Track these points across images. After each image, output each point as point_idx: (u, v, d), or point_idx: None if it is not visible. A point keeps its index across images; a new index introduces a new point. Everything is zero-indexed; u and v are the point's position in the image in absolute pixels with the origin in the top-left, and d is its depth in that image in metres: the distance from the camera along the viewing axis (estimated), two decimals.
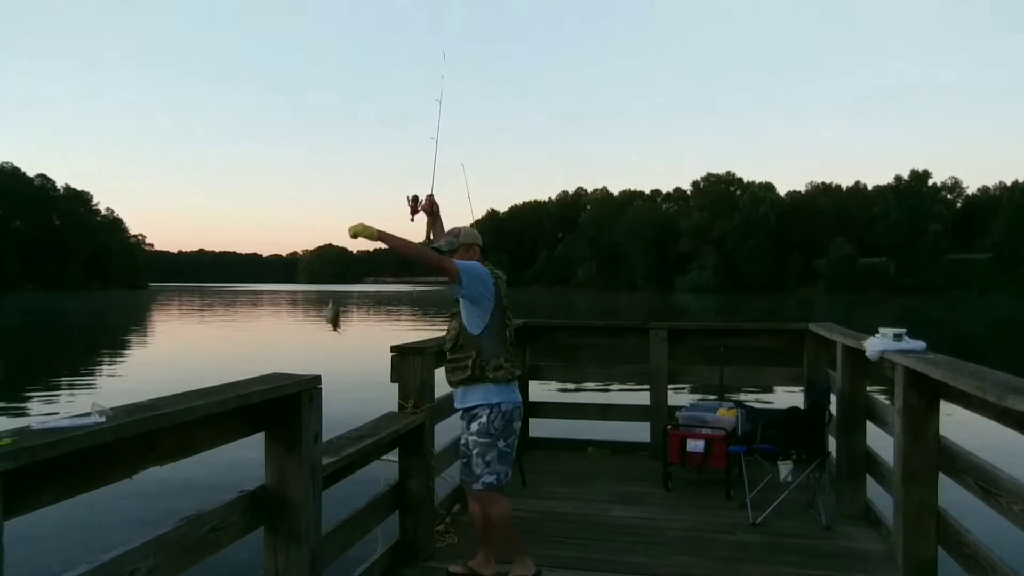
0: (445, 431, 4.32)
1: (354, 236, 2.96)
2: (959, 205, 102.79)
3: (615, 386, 11.23)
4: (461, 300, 3.27)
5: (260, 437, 2.45)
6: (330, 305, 3.18)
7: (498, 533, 3.38)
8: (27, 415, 10.52)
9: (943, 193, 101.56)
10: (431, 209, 3.58)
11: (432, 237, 3.52)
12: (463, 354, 3.26)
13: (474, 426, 3.27)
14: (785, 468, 4.92)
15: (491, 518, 3.33)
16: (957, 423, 3.41)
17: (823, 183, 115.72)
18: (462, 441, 3.39)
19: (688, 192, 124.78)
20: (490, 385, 3.23)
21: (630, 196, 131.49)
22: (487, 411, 3.23)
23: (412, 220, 3.48)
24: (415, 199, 3.51)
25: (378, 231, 2.96)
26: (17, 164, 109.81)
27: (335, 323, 3.23)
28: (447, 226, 3.52)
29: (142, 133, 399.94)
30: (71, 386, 14.07)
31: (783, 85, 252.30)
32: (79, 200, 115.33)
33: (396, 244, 3.02)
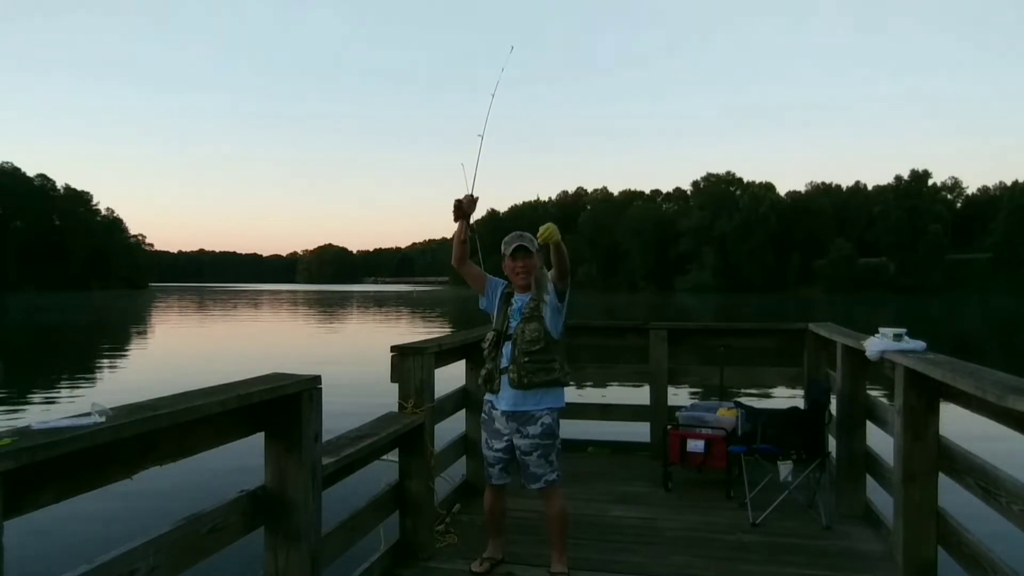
0: (445, 431, 4.32)
1: (549, 236, 3.12)
2: (959, 205, 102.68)
3: (615, 386, 11.23)
4: (549, 303, 3.32)
5: (260, 437, 2.45)
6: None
7: (554, 524, 3.43)
8: (27, 415, 10.51)
9: (943, 193, 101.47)
10: (473, 209, 3.48)
11: (464, 238, 3.44)
12: (549, 356, 3.31)
13: (534, 428, 3.31)
14: (785, 468, 4.92)
15: (554, 512, 3.40)
16: (957, 423, 3.41)
17: (823, 183, 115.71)
18: (515, 445, 3.36)
19: (688, 192, 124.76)
20: (561, 388, 3.39)
21: (630, 196, 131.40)
22: (552, 414, 3.35)
23: (456, 222, 3.41)
24: (459, 204, 3.41)
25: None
26: (17, 164, 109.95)
27: None
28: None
29: (142, 133, 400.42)
30: (71, 386, 14.07)
31: (783, 85, 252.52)
32: (79, 200, 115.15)
33: (564, 248, 3.23)
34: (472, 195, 3.45)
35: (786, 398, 9.78)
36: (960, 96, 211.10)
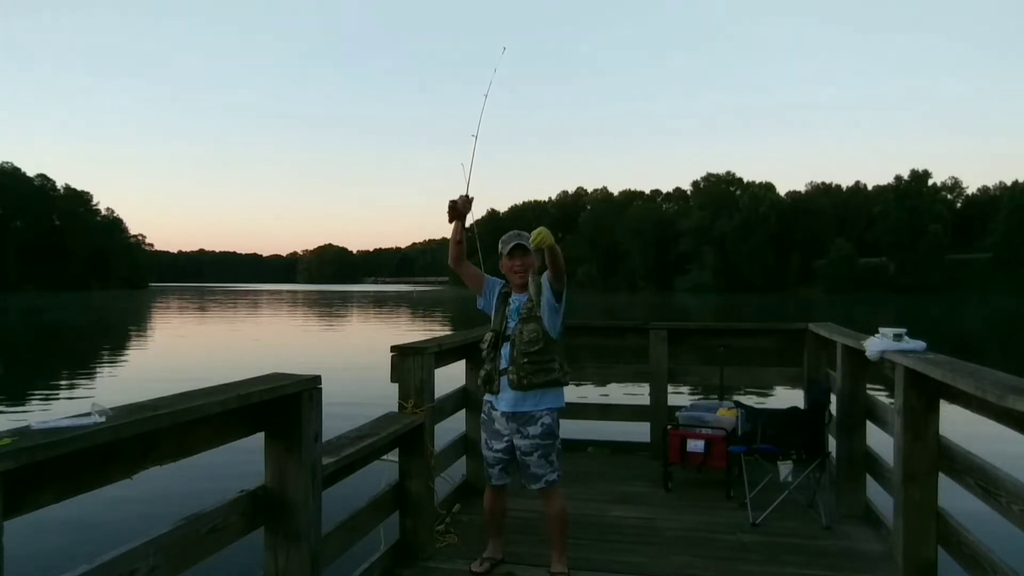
0: (445, 431, 4.31)
1: (542, 241, 3.06)
2: (959, 205, 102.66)
3: (615, 386, 11.22)
4: (547, 302, 3.30)
5: (260, 437, 2.45)
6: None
7: (554, 524, 3.42)
8: (27, 415, 10.51)
9: (943, 193, 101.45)
10: (468, 209, 3.45)
11: (459, 238, 3.43)
12: (548, 356, 3.30)
13: (534, 429, 3.31)
14: (785, 468, 4.92)
15: (554, 512, 3.39)
16: (957, 423, 3.41)
17: (823, 183, 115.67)
18: (516, 446, 3.35)
19: (688, 192, 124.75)
20: (560, 388, 3.38)
21: (630, 196, 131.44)
22: (552, 414, 3.34)
23: (451, 223, 3.40)
24: (454, 204, 3.40)
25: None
26: (17, 164, 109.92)
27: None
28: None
29: (142, 133, 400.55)
30: (71, 386, 14.06)
31: (783, 85, 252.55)
32: (79, 200, 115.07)
33: (558, 250, 3.16)
34: (467, 195, 3.43)
35: (786, 398, 9.78)
36: (960, 96, 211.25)
